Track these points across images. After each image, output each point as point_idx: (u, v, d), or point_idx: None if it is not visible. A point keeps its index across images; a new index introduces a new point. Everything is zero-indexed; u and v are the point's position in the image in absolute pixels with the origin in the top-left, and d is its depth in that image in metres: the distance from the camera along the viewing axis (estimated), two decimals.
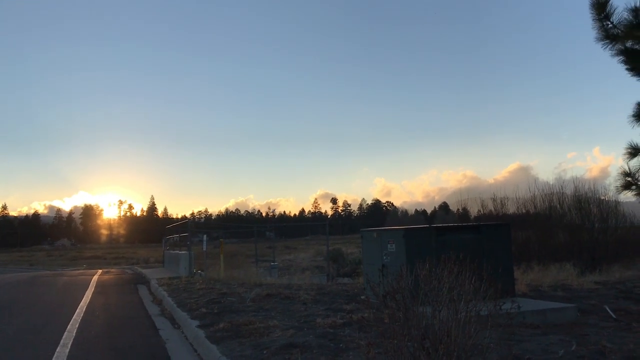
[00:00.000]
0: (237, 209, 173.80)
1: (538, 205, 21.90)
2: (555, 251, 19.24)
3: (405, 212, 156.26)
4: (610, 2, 8.06)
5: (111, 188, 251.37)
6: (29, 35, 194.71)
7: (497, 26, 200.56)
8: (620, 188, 8.74)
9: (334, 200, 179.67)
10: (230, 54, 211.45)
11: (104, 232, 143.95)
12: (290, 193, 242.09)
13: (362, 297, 10.44)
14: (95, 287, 17.69)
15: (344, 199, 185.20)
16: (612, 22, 8.15)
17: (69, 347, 7.75)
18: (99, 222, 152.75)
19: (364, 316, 7.87)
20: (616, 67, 8.37)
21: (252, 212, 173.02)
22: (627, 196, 9.13)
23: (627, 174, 8.59)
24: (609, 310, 8.70)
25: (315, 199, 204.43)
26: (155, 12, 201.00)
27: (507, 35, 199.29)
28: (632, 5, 8.04)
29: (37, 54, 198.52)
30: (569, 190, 21.62)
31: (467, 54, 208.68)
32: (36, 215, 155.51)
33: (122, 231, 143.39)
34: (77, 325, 9.65)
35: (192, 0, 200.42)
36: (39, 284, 19.59)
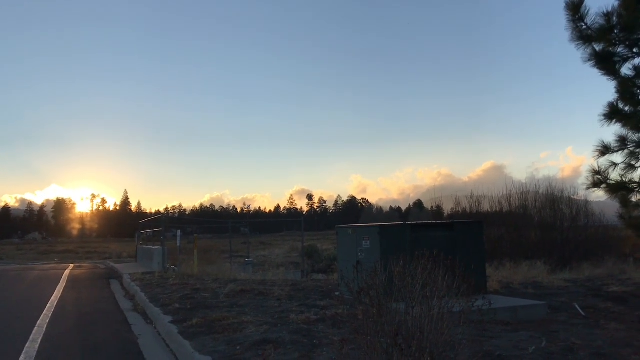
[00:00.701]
0: (211, 205, 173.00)
1: (512, 203, 22.20)
2: (527, 249, 19.52)
3: (380, 209, 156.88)
4: (584, 4, 8.21)
5: (84, 181, 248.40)
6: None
7: (472, 26, 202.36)
8: (590, 186, 8.92)
9: (309, 197, 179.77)
10: (207, 50, 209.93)
11: (77, 226, 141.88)
12: (267, 189, 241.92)
13: (337, 293, 10.47)
14: (67, 281, 17.47)
15: (320, 196, 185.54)
16: (586, 24, 8.30)
17: (39, 342, 7.64)
18: (71, 216, 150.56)
19: (338, 312, 7.89)
20: (589, 68, 8.54)
21: (227, 208, 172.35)
22: (597, 195, 9.31)
23: (596, 172, 8.76)
24: (578, 308, 8.85)
25: (291, 195, 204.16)
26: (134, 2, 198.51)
27: (483, 35, 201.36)
28: (604, 10, 8.20)
29: (7, 43, 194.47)
30: (541, 190, 21.96)
31: (443, 54, 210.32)
32: (6, 209, 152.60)
33: (94, 225, 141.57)
34: (47, 320, 9.52)
35: None
36: (8, 278, 19.27)
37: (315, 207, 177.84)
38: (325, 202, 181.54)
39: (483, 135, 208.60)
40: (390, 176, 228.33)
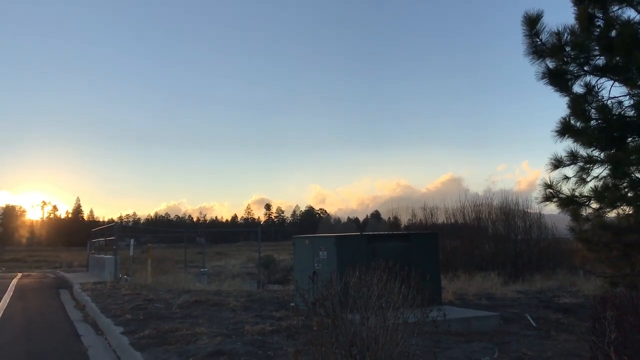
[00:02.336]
0: (167, 213, 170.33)
1: (466, 215, 22.55)
2: (481, 261, 19.84)
3: (338, 220, 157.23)
4: (541, 20, 8.43)
5: (36, 188, 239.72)
6: None
7: (429, 37, 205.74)
8: (542, 199, 9.11)
9: (267, 207, 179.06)
10: (163, 53, 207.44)
11: (26, 234, 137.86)
12: (225, 198, 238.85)
13: (292, 304, 10.41)
14: (14, 291, 16.93)
15: (279, 205, 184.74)
16: (540, 40, 8.51)
17: None
18: (20, 223, 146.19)
19: (293, 323, 7.85)
20: (543, 84, 8.76)
21: (182, 217, 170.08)
22: (550, 208, 9.51)
23: (548, 186, 8.96)
24: (530, 319, 9.02)
25: (249, 205, 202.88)
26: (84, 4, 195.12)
27: (443, 43, 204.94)
28: (556, 29, 8.44)
29: None
30: (496, 202, 22.37)
31: (399, 65, 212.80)
32: None
33: (44, 233, 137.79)
34: None
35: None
36: None
37: (273, 217, 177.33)
38: (283, 212, 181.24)
39: (442, 146, 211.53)
40: (349, 186, 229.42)
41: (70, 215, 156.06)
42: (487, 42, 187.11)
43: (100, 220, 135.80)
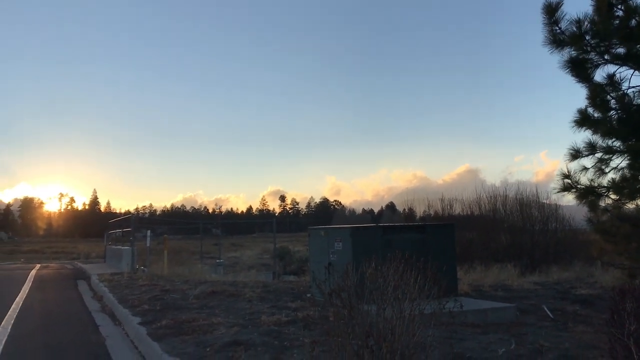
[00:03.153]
0: (183, 205, 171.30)
1: (482, 207, 22.42)
2: (497, 252, 19.73)
3: (352, 211, 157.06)
4: (561, 8, 8.30)
5: (54, 180, 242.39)
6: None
7: (446, 28, 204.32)
8: (560, 190, 9.02)
9: (282, 198, 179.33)
10: (180, 45, 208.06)
11: (44, 225, 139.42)
12: (241, 190, 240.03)
13: (308, 295, 10.43)
14: (33, 282, 17.14)
15: (294, 197, 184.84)
16: (560, 28, 8.40)
17: (3, 343, 7.48)
18: (38, 215, 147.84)
19: (309, 314, 7.85)
20: (565, 72, 8.65)
21: (198, 209, 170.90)
22: (567, 199, 9.41)
23: (566, 176, 8.87)
24: (546, 310, 8.96)
25: (263, 196, 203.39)
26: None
27: (457, 38, 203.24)
28: (576, 16, 8.31)
29: None
30: (513, 193, 22.20)
31: (420, 57, 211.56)
32: None
33: (62, 225, 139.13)
34: (12, 322, 9.31)
35: None
36: None
37: (288, 209, 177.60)
38: (298, 203, 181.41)
39: (459, 137, 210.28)
40: (364, 178, 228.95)
41: (87, 207, 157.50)
42: (504, 31, 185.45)
43: (117, 211, 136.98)
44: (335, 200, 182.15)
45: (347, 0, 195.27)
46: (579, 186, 8.81)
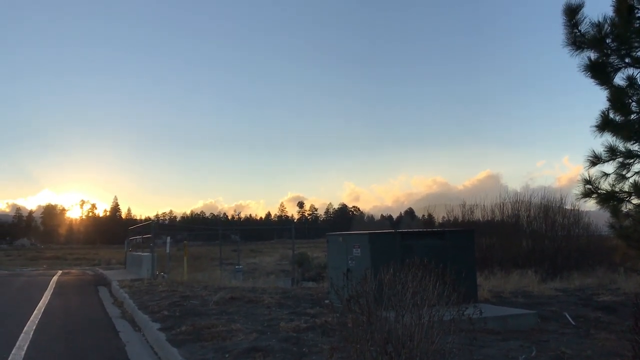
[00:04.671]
0: (202, 211, 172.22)
1: (504, 212, 22.22)
2: (518, 258, 19.54)
3: (371, 217, 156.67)
4: (582, 10, 8.23)
5: (76, 187, 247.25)
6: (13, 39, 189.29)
7: (469, 32, 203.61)
8: (581, 196, 8.92)
9: (300, 204, 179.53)
10: (200, 54, 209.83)
11: (66, 232, 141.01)
12: (261, 196, 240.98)
13: (326, 301, 10.40)
14: (55, 287, 17.30)
15: (312, 203, 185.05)
16: (579, 31, 8.32)
17: (25, 349, 7.55)
18: (60, 221, 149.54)
19: (328, 320, 7.83)
20: (585, 75, 8.56)
21: (217, 215, 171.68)
22: (589, 205, 9.30)
23: (587, 181, 8.77)
24: (568, 317, 8.85)
25: (282, 202, 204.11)
26: (137, 15, 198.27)
27: (480, 41, 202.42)
28: (596, 20, 8.23)
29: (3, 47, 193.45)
30: (535, 199, 21.99)
31: (440, 60, 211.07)
32: None
33: (83, 231, 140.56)
34: (34, 327, 9.41)
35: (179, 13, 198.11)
36: None
37: (306, 215, 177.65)
38: (316, 209, 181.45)
39: (480, 143, 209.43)
40: (384, 183, 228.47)
41: (108, 214, 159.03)
42: (525, 35, 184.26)
43: (138, 218, 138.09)
44: (353, 206, 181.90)
45: (371, 5, 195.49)
46: (600, 191, 8.71)
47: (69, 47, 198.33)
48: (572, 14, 8.31)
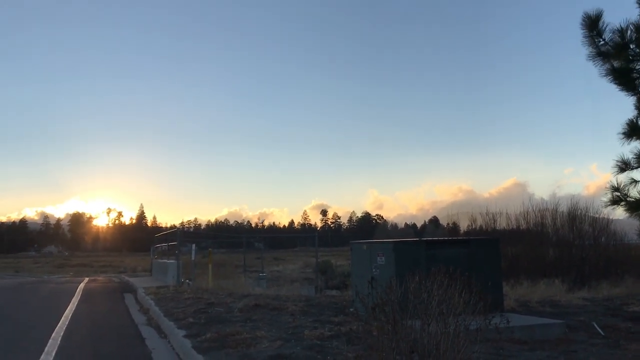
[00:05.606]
0: (226, 219, 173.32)
1: (530, 221, 21.96)
2: (545, 267, 19.28)
3: (395, 226, 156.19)
4: (602, 19, 8.13)
5: (103, 195, 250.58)
6: (27, 35, 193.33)
7: (495, 40, 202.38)
8: (609, 203, 8.79)
9: (324, 212, 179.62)
10: (227, 62, 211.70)
11: (92, 239, 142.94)
12: (285, 203, 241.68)
13: (351, 309, 10.39)
14: (82, 295, 17.52)
15: (335, 211, 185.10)
16: (604, 39, 8.22)
17: (53, 355, 7.65)
18: (87, 229, 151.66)
19: (352, 328, 7.82)
20: (609, 82, 8.45)
21: (241, 223, 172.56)
22: (618, 213, 9.16)
23: (615, 189, 8.64)
24: (597, 327, 8.69)
25: (305, 210, 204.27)
26: (156, 23, 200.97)
27: (506, 50, 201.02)
28: (618, 25, 8.12)
29: (31, 56, 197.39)
30: (562, 207, 21.69)
31: (466, 69, 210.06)
32: (23, 222, 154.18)
33: (110, 239, 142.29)
34: (61, 333, 9.53)
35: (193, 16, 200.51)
36: (24, 291, 19.39)
37: (330, 223, 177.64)
38: (339, 218, 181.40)
39: (507, 150, 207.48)
40: (408, 191, 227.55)
41: (134, 222, 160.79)
42: (555, 41, 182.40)
43: (163, 226, 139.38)
44: (377, 215, 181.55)
45: (397, 10, 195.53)
46: (628, 199, 8.57)
47: (97, 54, 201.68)
48: (592, 24, 8.21)
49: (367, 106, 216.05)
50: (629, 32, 8.07)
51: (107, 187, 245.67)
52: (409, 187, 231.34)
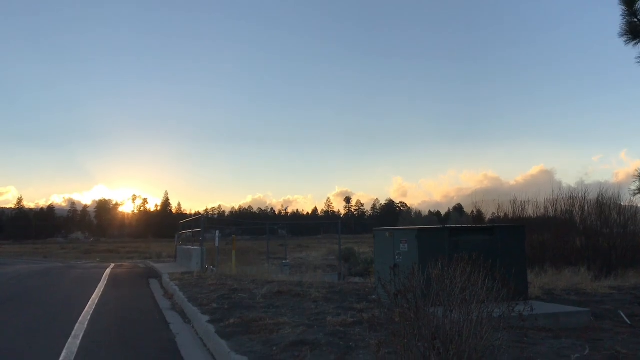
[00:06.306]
0: (250, 206, 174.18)
1: (557, 208, 21.66)
2: (570, 255, 19.04)
3: (418, 213, 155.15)
4: None
5: (129, 183, 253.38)
6: (53, 23, 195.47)
7: (518, 26, 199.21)
8: (637, 191, 8.61)
9: (347, 200, 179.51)
10: (246, 48, 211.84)
11: (118, 226, 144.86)
12: (309, 190, 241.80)
13: (373, 296, 10.39)
14: (108, 280, 17.80)
15: (359, 198, 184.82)
16: (638, 19, 8.01)
17: (80, 338, 7.79)
18: (113, 216, 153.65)
19: (375, 315, 7.82)
20: None
21: (265, 210, 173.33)
22: None
23: None
24: (623, 316, 8.57)
25: (328, 198, 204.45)
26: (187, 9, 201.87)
27: (531, 35, 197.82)
28: None
29: (60, 46, 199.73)
30: (590, 195, 21.36)
31: (490, 54, 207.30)
32: (51, 208, 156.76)
33: (135, 225, 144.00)
34: (88, 317, 9.70)
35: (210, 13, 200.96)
36: (52, 276, 19.76)
37: (353, 210, 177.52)
38: (363, 205, 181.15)
39: (534, 137, 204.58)
40: (434, 178, 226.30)
41: (159, 209, 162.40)
42: (581, 26, 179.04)
43: (187, 213, 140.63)
44: (401, 202, 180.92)
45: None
46: None
47: (122, 45, 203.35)
48: (631, 2, 7.99)
49: (392, 95, 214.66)
50: None
51: (132, 175, 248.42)
52: (434, 175, 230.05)
